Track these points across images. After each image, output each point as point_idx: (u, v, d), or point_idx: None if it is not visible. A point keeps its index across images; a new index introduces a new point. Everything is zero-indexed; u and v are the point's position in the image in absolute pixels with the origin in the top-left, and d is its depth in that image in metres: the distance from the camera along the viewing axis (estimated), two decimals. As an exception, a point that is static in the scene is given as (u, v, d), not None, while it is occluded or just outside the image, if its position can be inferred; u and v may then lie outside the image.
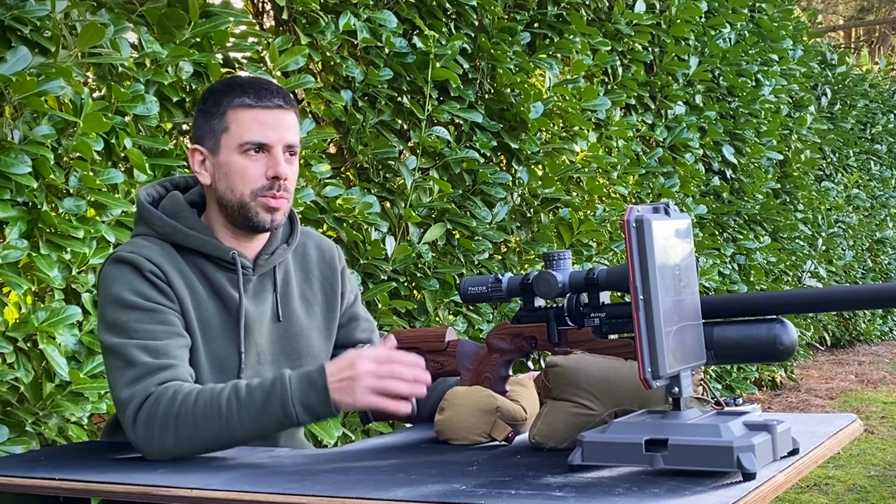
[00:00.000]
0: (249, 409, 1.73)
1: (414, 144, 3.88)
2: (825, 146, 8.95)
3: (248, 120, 1.92)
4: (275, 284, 2.01)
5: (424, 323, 3.78)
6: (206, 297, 1.93)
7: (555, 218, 4.60)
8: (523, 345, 1.84)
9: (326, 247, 2.15)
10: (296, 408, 1.72)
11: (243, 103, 1.92)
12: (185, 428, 1.75)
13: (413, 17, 3.83)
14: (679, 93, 5.92)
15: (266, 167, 1.92)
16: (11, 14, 2.50)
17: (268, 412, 1.73)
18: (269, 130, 1.92)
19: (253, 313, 1.97)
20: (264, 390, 1.74)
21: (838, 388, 7.42)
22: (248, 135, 1.91)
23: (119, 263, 1.88)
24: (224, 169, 1.93)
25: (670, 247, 1.49)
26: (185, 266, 1.92)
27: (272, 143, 1.92)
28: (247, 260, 1.97)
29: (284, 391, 1.72)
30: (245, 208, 1.93)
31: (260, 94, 1.93)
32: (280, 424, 1.74)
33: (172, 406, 1.76)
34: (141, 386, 1.79)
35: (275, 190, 1.92)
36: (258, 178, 1.92)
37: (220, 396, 1.75)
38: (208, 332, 1.92)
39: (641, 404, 1.66)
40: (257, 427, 1.74)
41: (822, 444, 1.69)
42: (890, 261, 10.23)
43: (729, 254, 6.55)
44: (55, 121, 2.60)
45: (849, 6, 19.74)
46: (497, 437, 1.83)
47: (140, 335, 1.83)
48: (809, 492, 4.54)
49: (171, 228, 1.94)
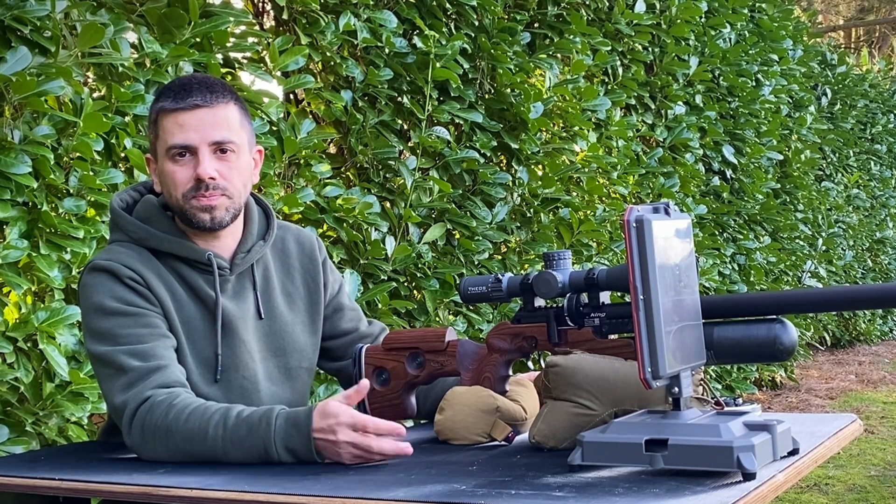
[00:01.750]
0: (234, 441, 1.73)
1: (414, 144, 3.88)
2: (825, 146, 8.95)
3: (170, 125, 1.91)
4: (254, 282, 2.01)
5: (424, 323, 3.78)
6: (187, 299, 1.93)
7: (555, 218, 4.60)
8: (523, 345, 1.84)
9: (306, 239, 2.13)
10: (278, 450, 1.71)
11: (164, 108, 1.92)
12: (174, 444, 1.76)
13: (413, 17, 3.83)
14: (679, 93, 5.92)
15: (193, 168, 1.91)
16: (11, 14, 2.50)
17: (250, 448, 1.72)
18: (189, 132, 1.90)
19: (234, 312, 1.96)
20: (249, 425, 1.73)
21: (838, 388, 7.42)
22: (170, 139, 1.91)
23: (96, 272, 1.89)
24: (161, 176, 1.94)
25: (670, 247, 1.49)
26: (164, 270, 1.93)
27: (195, 144, 1.90)
28: (223, 260, 1.96)
29: (268, 431, 1.71)
30: (183, 212, 1.93)
31: (179, 95, 1.91)
32: (262, 460, 1.73)
33: (165, 418, 1.76)
34: (134, 391, 1.79)
35: (202, 191, 1.90)
36: (186, 181, 1.91)
37: (209, 421, 1.75)
38: (192, 332, 1.92)
39: (641, 404, 1.66)
40: (237, 456, 1.73)
41: (822, 444, 1.69)
42: (890, 261, 10.23)
43: (729, 254, 6.55)
44: (55, 121, 2.60)
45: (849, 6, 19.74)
46: (497, 437, 1.83)
47: (127, 340, 1.83)
48: (809, 492, 4.54)
49: (145, 233, 1.94)
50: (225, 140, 1.92)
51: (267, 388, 1.99)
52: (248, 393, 1.95)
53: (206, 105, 1.91)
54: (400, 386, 1.95)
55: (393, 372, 1.95)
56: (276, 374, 2.01)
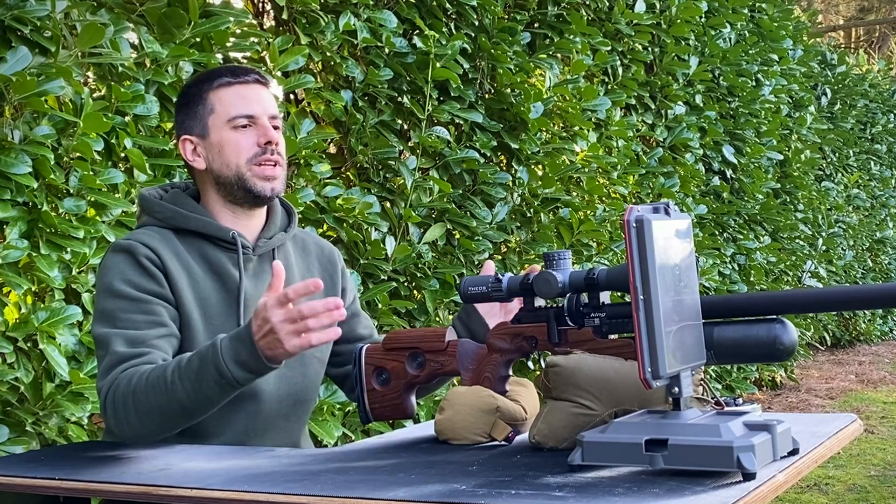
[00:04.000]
0: (189, 375, 1.76)
1: (414, 144, 3.89)
2: (825, 146, 8.95)
3: (232, 96, 2.01)
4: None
5: (424, 323, 3.78)
6: (205, 277, 1.97)
7: (555, 218, 4.60)
8: (523, 345, 1.84)
9: (326, 246, 2.21)
10: (228, 366, 1.73)
11: (223, 82, 2.01)
12: (140, 403, 1.78)
13: (413, 17, 3.83)
14: (679, 93, 5.92)
15: (257, 136, 2.00)
16: (11, 14, 2.51)
17: (204, 375, 1.75)
18: (253, 103, 2.01)
19: (252, 293, 2.00)
20: (200, 355, 1.77)
21: (838, 388, 7.42)
22: (234, 110, 2.00)
23: (116, 252, 1.94)
24: (217, 148, 2.00)
25: (670, 247, 1.49)
26: (184, 250, 1.97)
27: (258, 115, 2.01)
28: (246, 240, 2.02)
29: (216, 352, 1.75)
30: (243, 180, 1.99)
31: (236, 72, 2.04)
32: (218, 385, 1.75)
33: (129, 385, 1.80)
34: (112, 375, 1.84)
35: (267, 154, 1.99)
36: (251, 147, 2.00)
37: (165, 369, 1.79)
38: (208, 309, 1.96)
39: (641, 404, 1.66)
40: (199, 392, 1.76)
41: (822, 444, 1.68)
42: (890, 261, 10.23)
43: (729, 254, 6.55)
44: (55, 121, 2.60)
45: (849, 6, 19.74)
46: (497, 437, 1.83)
47: (123, 325, 1.88)
48: (809, 492, 4.55)
49: (172, 212, 2.00)
50: (277, 116, 2.05)
51: (278, 371, 1.98)
52: None
53: (263, 82, 2.05)
54: (400, 386, 1.95)
55: (393, 372, 1.95)
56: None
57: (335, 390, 3.20)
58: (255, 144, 1.99)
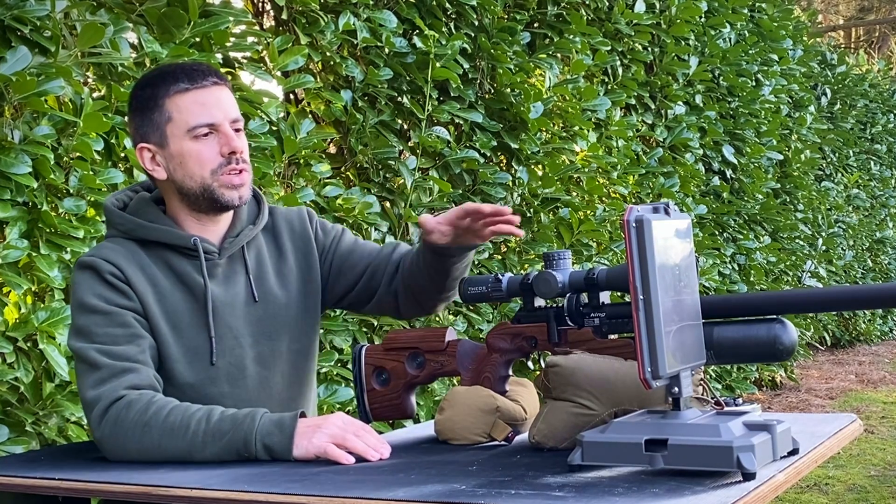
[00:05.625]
0: (215, 435, 1.74)
1: (414, 144, 3.89)
2: (825, 146, 8.95)
3: (189, 103, 1.90)
4: (246, 266, 2.00)
5: (424, 323, 3.78)
6: (172, 290, 1.93)
7: (555, 218, 4.60)
8: (523, 345, 1.84)
9: (295, 217, 2.11)
10: (256, 444, 1.73)
11: (179, 89, 1.90)
12: (150, 439, 1.77)
13: (413, 17, 3.83)
14: (679, 93, 5.92)
15: (219, 145, 1.91)
16: (11, 14, 2.50)
17: (231, 441, 1.74)
18: (213, 109, 1.90)
19: (222, 297, 1.96)
20: (234, 420, 1.75)
21: (838, 388, 7.42)
22: (193, 119, 1.89)
23: (82, 269, 1.91)
24: (178, 159, 1.91)
25: (670, 247, 1.49)
26: (149, 262, 1.93)
27: (219, 122, 1.91)
28: (211, 245, 1.96)
29: (251, 426, 1.73)
30: (209, 191, 1.92)
31: (192, 76, 1.91)
32: (239, 455, 1.74)
33: (144, 414, 1.77)
34: (108, 387, 1.81)
35: (233, 164, 1.91)
36: (214, 157, 1.90)
37: (192, 416, 1.77)
38: (178, 322, 1.92)
39: (641, 404, 1.66)
40: (217, 453, 1.74)
41: (822, 444, 1.69)
42: (890, 261, 10.23)
43: (729, 254, 6.55)
44: (55, 121, 2.60)
45: (849, 6, 19.74)
46: (497, 437, 1.83)
47: (101, 339, 1.85)
48: (809, 492, 4.54)
49: (133, 224, 1.94)
50: (238, 119, 1.95)
51: (256, 372, 1.98)
52: (234, 378, 1.95)
53: (221, 83, 1.94)
54: (400, 386, 1.95)
55: (393, 372, 1.96)
56: (268, 358, 2.00)
57: (335, 390, 3.20)
58: (219, 154, 1.90)
